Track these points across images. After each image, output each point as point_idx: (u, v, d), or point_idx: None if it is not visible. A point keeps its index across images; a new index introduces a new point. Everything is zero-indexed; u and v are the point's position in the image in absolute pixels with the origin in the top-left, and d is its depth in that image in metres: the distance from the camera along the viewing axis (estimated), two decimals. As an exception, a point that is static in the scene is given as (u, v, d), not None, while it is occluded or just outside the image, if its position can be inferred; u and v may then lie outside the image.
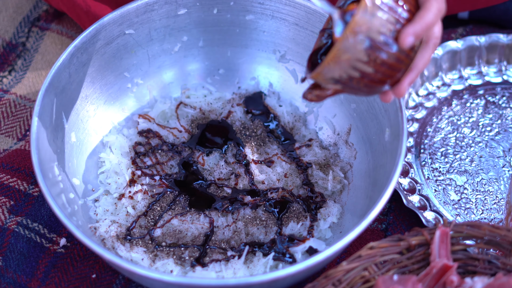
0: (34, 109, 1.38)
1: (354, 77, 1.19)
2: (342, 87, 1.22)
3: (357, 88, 1.22)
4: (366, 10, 1.15)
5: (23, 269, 1.44)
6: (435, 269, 1.21)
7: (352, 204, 1.48)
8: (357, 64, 1.18)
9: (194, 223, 1.45)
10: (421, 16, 1.20)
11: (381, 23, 1.16)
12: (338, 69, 1.18)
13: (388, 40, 1.17)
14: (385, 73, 1.20)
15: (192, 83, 1.64)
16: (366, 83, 1.21)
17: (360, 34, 1.16)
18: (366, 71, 1.19)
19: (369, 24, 1.16)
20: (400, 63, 1.20)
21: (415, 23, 1.19)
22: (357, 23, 1.15)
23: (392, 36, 1.18)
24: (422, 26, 1.19)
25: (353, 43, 1.16)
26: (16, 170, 1.54)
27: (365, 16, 1.15)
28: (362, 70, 1.18)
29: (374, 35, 1.16)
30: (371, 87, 1.22)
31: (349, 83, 1.21)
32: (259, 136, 1.57)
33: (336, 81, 1.20)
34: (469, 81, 1.68)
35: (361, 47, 1.16)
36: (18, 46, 1.76)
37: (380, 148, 1.44)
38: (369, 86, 1.22)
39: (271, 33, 1.59)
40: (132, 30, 1.53)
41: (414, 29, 1.18)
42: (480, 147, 1.59)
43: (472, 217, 1.50)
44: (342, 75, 1.19)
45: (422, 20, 1.19)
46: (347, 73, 1.19)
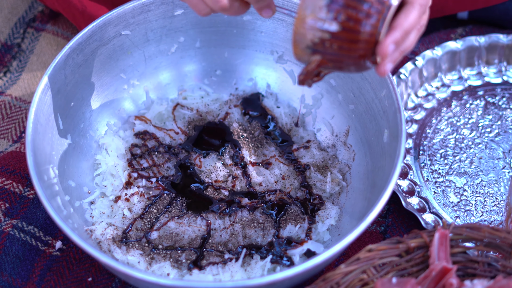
0: (29, 110, 1.38)
1: (325, 39, 1.18)
2: (322, 55, 1.20)
3: (337, 55, 1.20)
4: None
5: (19, 272, 1.44)
6: (434, 272, 1.21)
7: (350, 206, 1.48)
8: (321, 24, 1.17)
9: (191, 226, 1.45)
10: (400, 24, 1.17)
11: None
12: (307, 33, 1.18)
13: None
14: (356, 30, 1.18)
15: (189, 84, 1.64)
16: (342, 45, 1.18)
17: None
18: (332, 29, 1.17)
19: None
20: (369, 17, 1.17)
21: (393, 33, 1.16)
22: None
23: None
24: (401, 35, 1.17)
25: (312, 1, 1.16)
26: (11, 173, 1.54)
27: None
28: (328, 30, 1.17)
29: None
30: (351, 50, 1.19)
31: (325, 49, 1.19)
32: (256, 138, 1.57)
33: (312, 48, 1.19)
34: (469, 82, 1.69)
35: (321, 4, 1.16)
36: (13, 47, 1.76)
37: (379, 150, 1.44)
38: (348, 49, 1.19)
39: (268, 33, 1.59)
40: (128, 31, 1.53)
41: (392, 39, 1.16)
42: (480, 148, 1.59)
43: (472, 219, 1.50)
44: (314, 39, 1.18)
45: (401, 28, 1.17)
46: (316, 36, 1.18)
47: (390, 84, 1.40)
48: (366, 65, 1.23)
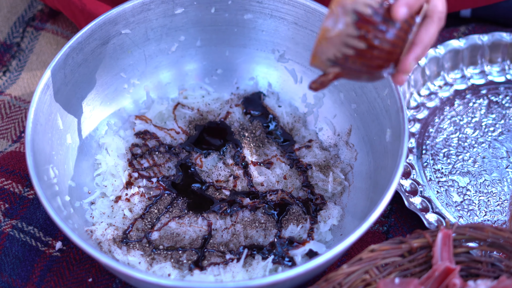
0: (29, 110, 1.38)
1: (349, 55, 1.18)
2: (341, 69, 1.21)
3: (356, 69, 1.20)
4: None
5: (18, 273, 1.44)
6: (437, 272, 1.21)
7: (352, 206, 1.48)
8: (348, 40, 1.17)
9: (192, 226, 1.45)
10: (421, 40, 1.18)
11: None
12: (331, 47, 1.17)
13: (377, 12, 1.16)
14: (381, 49, 1.19)
15: (189, 83, 1.64)
16: (363, 61, 1.19)
17: (346, 8, 1.15)
18: (359, 47, 1.17)
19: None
20: (395, 37, 1.18)
21: (415, 50, 1.18)
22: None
23: (382, 8, 1.16)
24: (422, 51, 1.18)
25: (340, 17, 1.15)
26: (11, 173, 1.54)
27: None
28: (355, 47, 1.17)
29: (361, 7, 1.15)
30: (371, 67, 1.21)
31: (347, 63, 1.19)
32: (258, 137, 1.57)
33: (333, 62, 1.19)
34: (472, 81, 1.69)
35: (349, 21, 1.16)
36: (12, 46, 1.76)
37: (381, 149, 1.44)
38: (368, 66, 1.20)
39: (269, 32, 1.59)
40: (129, 29, 1.53)
41: (414, 57, 1.18)
42: (483, 147, 1.59)
43: (475, 219, 1.50)
44: (337, 54, 1.18)
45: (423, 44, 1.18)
46: (340, 52, 1.18)
47: (392, 83, 1.40)
48: (383, 76, 1.24)
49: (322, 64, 1.21)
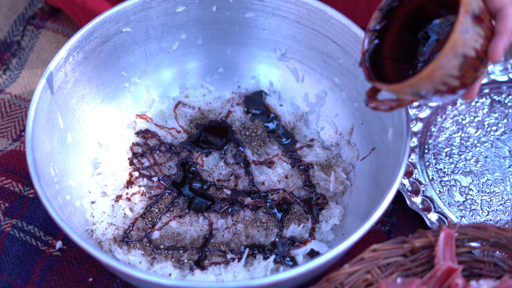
0: (29, 109, 1.38)
1: (440, 91, 1.21)
2: (419, 98, 1.23)
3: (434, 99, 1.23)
4: (463, 26, 1.16)
5: (18, 273, 1.44)
6: (439, 272, 1.21)
7: (354, 205, 1.48)
8: (448, 80, 1.19)
9: (193, 225, 1.45)
10: (506, 28, 1.20)
11: (474, 38, 1.17)
12: (429, 84, 1.19)
13: (478, 54, 1.19)
14: (467, 84, 1.21)
15: (190, 82, 1.64)
16: (446, 94, 1.22)
17: (458, 51, 1.17)
18: (454, 84, 1.20)
19: (465, 40, 1.17)
20: (480, 73, 1.21)
21: (503, 36, 1.20)
22: (457, 41, 1.16)
23: (482, 49, 1.19)
24: (509, 38, 1.20)
25: (451, 60, 1.17)
26: (11, 172, 1.54)
27: (462, 32, 1.16)
28: (450, 84, 1.20)
29: (469, 50, 1.17)
30: (447, 98, 1.24)
31: (430, 96, 1.22)
32: (259, 136, 1.57)
33: (420, 94, 1.22)
34: (474, 80, 1.68)
35: (456, 64, 1.17)
36: (13, 44, 1.76)
37: (383, 148, 1.44)
38: (446, 97, 1.23)
39: (271, 31, 1.59)
40: (129, 28, 1.53)
41: (504, 43, 1.19)
42: (485, 147, 1.59)
43: (478, 218, 1.50)
44: (430, 89, 1.20)
45: (508, 31, 1.20)
46: (435, 88, 1.20)
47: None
48: None
49: (408, 94, 1.23)
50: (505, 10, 1.22)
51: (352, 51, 1.49)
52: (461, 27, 1.16)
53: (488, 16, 1.21)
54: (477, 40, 1.18)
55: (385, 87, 1.23)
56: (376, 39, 1.31)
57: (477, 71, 1.21)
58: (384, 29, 1.31)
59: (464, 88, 1.22)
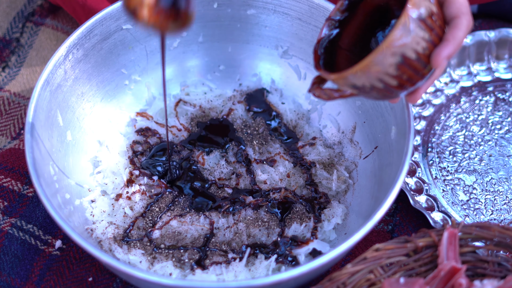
0: (28, 107, 1.38)
1: (376, 87, 1.21)
2: (358, 92, 1.23)
3: (373, 95, 1.24)
4: (405, 26, 1.16)
5: (17, 272, 1.44)
6: (443, 272, 1.21)
7: (357, 204, 1.48)
8: (384, 77, 1.19)
9: (194, 225, 1.45)
10: (454, 37, 1.20)
11: (416, 41, 1.17)
12: (364, 78, 1.20)
13: (419, 58, 1.18)
14: (405, 86, 1.22)
15: (191, 80, 1.64)
16: (385, 93, 1.22)
17: (395, 50, 1.17)
18: (391, 84, 1.20)
19: (406, 41, 1.17)
20: (422, 77, 1.22)
21: (449, 44, 1.19)
22: (395, 39, 1.16)
23: (424, 53, 1.19)
24: (455, 48, 1.20)
25: (387, 57, 1.17)
26: (10, 170, 1.55)
27: (403, 32, 1.16)
28: (387, 83, 1.20)
29: (408, 52, 1.17)
30: (387, 96, 1.24)
31: (368, 91, 1.22)
32: (261, 135, 1.57)
33: (357, 88, 1.22)
34: (478, 78, 1.68)
35: (393, 62, 1.18)
36: (12, 42, 1.76)
37: (386, 147, 1.44)
38: (385, 96, 1.24)
39: (273, 28, 1.59)
40: (130, 25, 1.53)
41: (448, 52, 1.19)
42: (489, 145, 1.59)
43: (481, 218, 1.50)
44: (366, 84, 1.20)
45: (455, 40, 1.20)
46: (371, 83, 1.20)
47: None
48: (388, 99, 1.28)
49: (346, 86, 1.23)
50: (458, 20, 1.22)
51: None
52: (402, 27, 1.16)
53: (440, 22, 1.21)
54: (420, 43, 1.17)
55: (325, 76, 1.24)
56: (336, 28, 1.31)
57: (418, 75, 1.20)
58: (346, 20, 1.31)
59: (402, 90, 1.22)
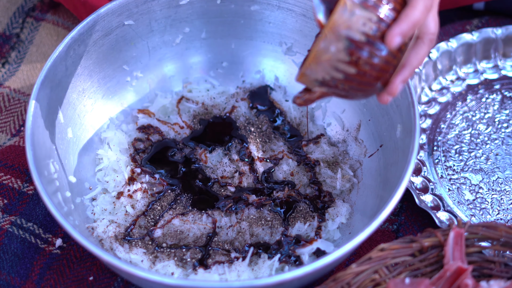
0: (29, 103, 1.38)
1: (338, 79, 1.19)
2: (328, 89, 1.21)
3: (344, 90, 1.21)
4: (345, 8, 1.14)
5: (17, 271, 1.44)
6: (448, 272, 1.21)
7: (361, 203, 1.48)
8: (338, 65, 1.17)
9: (196, 223, 1.45)
10: (406, 14, 1.18)
11: (362, 22, 1.15)
12: (320, 70, 1.18)
13: (370, 39, 1.16)
14: (370, 74, 1.19)
15: (194, 76, 1.64)
16: (352, 85, 1.20)
17: (339, 34, 1.15)
18: (349, 72, 1.18)
19: (349, 23, 1.15)
20: (386, 63, 1.19)
21: (401, 22, 1.18)
22: (336, 22, 1.15)
23: (375, 35, 1.17)
24: (408, 25, 1.18)
25: (332, 43, 1.15)
26: (10, 167, 1.55)
27: (344, 15, 1.14)
28: (345, 71, 1.18)
29: (354, 34, 1.15)
30: (359, 90, 1.22)
31: (334, 85, 1.20)
32: (264, 132, 1.57)
33: (321, 83, 1.20)
34: (485, 75, 1.68)
35: (341, 47, 1.16)
36: (12, 37, 1.76)
37: (392, 145, 1.44)
38: (356, 89, 1.21)
39: (277, 24, 1.59)
40: (132, 21, 1.53)
41: (400, 29, 1.17)
42: (496, 144, 1.59)
43: (488, 217, 1.50)
44: (325, 76, 1.19)
45: (408, 18, 1.18)
46: (329, 75, 1.18)
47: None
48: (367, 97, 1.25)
49: (310, 83, 1.21)
50: (420, 41, 1.22)
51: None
52: (342, 9, 1.14)
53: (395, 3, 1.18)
54: (366, 24, 1.15)
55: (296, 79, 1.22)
56: None
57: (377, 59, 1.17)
58: None
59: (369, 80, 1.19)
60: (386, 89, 1.23)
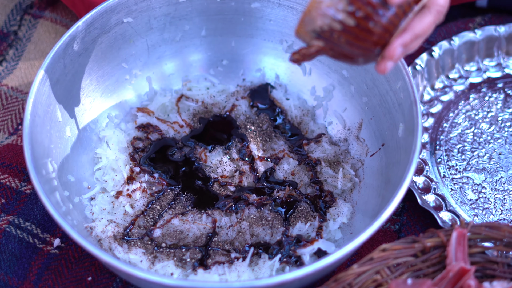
0: (26, 101, 1.38)
1: (335, 30, 1.18)
2: (325, 43, 1.20)
3: (340, 46, 1.20)
4: None
5: (15, 271, 1.44)
6: (451, 273, 1.21)
7: (363, 203, 1.48)
8: (337, 14, 1.17)
9: (196, 223, 1.45)
10: None
11: None
12: (319, 18, 1.17)
13: None
14: (369, 30, 1.18)
15: (194, 74, 1.64)
16: (349, 39, 1.19)
17: None
18: (347, 23, 1.17)
19: None
20: (386, 21, 1.18)
21: None
22: None
23: None
24: None
25: None
26: (8, 166, 1.55)
27: None
28: (343, 22, 1.17)
29: None
30: (357, 47, 1.20)
31: (331, 38, 1.19)
32: (264, 131, 1.57)
33: (318, 34, 1.19)
34: (488, 74, 1.68)
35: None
36: (9, 35, 1.76)
37: (394, 144, 1.44)
38: (353, 45, 1.20)
39: (278, 22, 1.58)
40: (131, 18, 1.53)
41: None
42: (499, 143, 1.59)
43: (491, 217, 1.50)
44: (323, 26, 1.18)
45: None
46: (327, 24, 1.18)
47: (406, 75, 1.40)
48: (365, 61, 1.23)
49: (307, 35, 1.20)
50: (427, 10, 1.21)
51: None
52: None
53: None
54: None
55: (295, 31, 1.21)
56: None
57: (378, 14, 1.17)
58: None
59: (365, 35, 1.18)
60: (383, 52, 1.20)
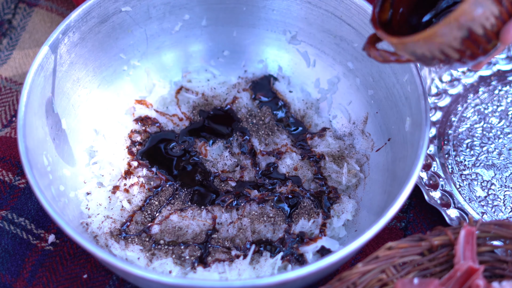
0: (21, 92, 1.38)
1: (437, 58, 1.21)
2: (416, 59, 1.24)
3: (430, 64, 1.24)
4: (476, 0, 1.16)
5: (8, 268, 1.44)
6: (459, 272, 1.21)
7: (368, 200, 1.48)
8: (446, 49, 1.19)
9: (196, 219, 1.45)
10: None
11: (485, 16, 1.17)
12: (426, 48, 1.20)
13: (486, 33, 1.18)
14: (466, 60, 1.22)
15: (194, 66, 1.64)
16: (443, 63, 1.23)
17: (463, 24, 1.17)
18: (452, 56, 1.20)
19: (474, 15, 1.16)
20: (484, 53, 1.21)
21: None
22: (463, 12, 1.16)
23: (492, 30, 1.18)
24: None
25: (453, 30, 1.17)
26: (1, 160, 1.55)
27: (473, 7, 1.16)
28: (449, 55, 1.20)
29: (476, 27, 1.17)
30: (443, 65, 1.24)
31: (427, 60, 1.22)
32: (267, 125, 1.57)
33: (416, 56, 1.22)
34: (498, 66, 1.68)
35: (458, 36, 1.18)
36: (3, 23, 1.76)
37: (400, 139, 1.44)
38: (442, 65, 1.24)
39: (281, 11, 1.58)
40: (129, 7, 1.53)
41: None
42: (509, 138, 1.59)
43: (500, 215, 1.50)
44: (426, 53, 1.21)
45: None
46: (432, 54, 1.21)
47: (414, 68, 1.40)
48: None
49: (404, 51, 1.23)
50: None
51: (367, 34, 1.49)
52: (473, 0, 1.16)
53: None
54: (489, 18, 1.17)
55: (385, 37, 1.24)
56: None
57: (481, 50, 1.20)
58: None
59: (462, 64, 1.23)
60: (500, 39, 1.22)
